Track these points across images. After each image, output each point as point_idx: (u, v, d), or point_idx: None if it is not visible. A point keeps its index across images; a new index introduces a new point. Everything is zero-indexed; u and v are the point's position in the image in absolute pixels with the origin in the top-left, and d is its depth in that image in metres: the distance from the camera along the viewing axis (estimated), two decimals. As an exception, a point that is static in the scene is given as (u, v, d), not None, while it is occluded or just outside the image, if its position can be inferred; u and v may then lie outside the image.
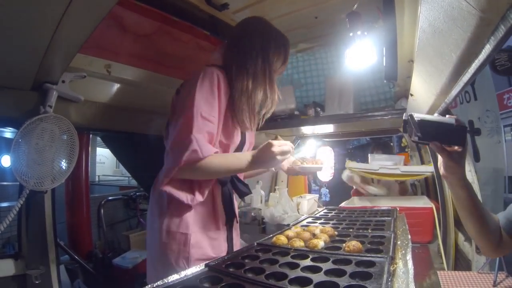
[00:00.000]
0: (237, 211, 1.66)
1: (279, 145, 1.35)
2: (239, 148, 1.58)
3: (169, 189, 1.36)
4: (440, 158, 1.07)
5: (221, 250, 1.50)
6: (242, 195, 1.63)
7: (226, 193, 1.54)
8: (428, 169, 2.26)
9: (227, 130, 1.48)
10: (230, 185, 1.56)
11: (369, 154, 3.64)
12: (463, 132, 0.97)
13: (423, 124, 1.02)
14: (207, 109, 1.34)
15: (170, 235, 1.39)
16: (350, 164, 2.54)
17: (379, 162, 2.49)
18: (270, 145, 1.34)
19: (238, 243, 1.66)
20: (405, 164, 2.72)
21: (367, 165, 2.43)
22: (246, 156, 1.40)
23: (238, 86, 1.44)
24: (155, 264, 1.44)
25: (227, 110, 1.45)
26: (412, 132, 1.07)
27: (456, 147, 1.00)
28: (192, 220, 1.41)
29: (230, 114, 1.46)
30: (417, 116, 1.02)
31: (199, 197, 1.41)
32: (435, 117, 1.02)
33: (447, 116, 1.04)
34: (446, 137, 0.98)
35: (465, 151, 1.03)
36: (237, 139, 1.54)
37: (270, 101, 1.57)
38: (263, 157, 1.36)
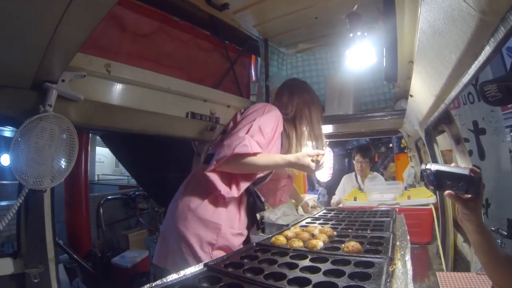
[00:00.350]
0: (259, 217, 1.97)
1: (314, 156, 1.67)
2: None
3: (212, 175, 1.55)
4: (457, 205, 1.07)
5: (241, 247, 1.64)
6: (256, 210, 1.84)
7: (251, 201, 1.79)
8: (430, 200, 2.25)
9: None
10: (254, 196, 1.80)
11: (366, 183, 3.66)
12: (477, 182, 0.98)
13: (439, 174, 1.06)
14: (265, 127, 1.63)
15: (201, 222, 1.55)
16: (347, 202, 2.53)
17: (376, 196, 2.47)
18: (305, 156, 1.65)
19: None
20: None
21: (366, 203, 2.41)
22: (288, 157, 1.66)
23: (294, 132, 1.85)
24: (179, 248, 1.55)
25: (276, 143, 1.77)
26: (428, 181, 1.11)
27: (470, 196, 1.00)
28: (222, 216, 1.60)
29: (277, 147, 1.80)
30: (434, 167, 1.07)
31: (234, 192, 1.59)
32: (451, 167, 1.05)
33: (463, 166, 1.06)
34: (461, 186, 1.00)
35: (480, 200, 1.03)
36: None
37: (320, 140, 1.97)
38: (300, 165, 1.66)
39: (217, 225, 1.57)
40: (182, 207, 1.61)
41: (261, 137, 1.61)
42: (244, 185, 1.64)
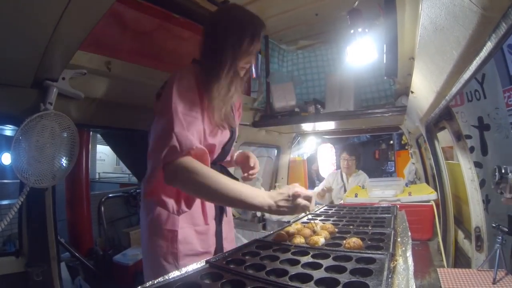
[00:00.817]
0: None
1: (304, 197, 1.17)
2: (229, 144, 1.55)
3: (153, 197, 1.27)
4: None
5: (209, 245, 1.47)
6: None
7: None
8: (431, 197, 2.24)
9: (212, 130, 1.41)
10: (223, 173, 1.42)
11: (366, 180, 3.66)
12: None
13: None
14: (188, 105, 1.25)
15: (157, 233, 1.38)
16: (348, 199, 2.53)
17: (378, 193, 2.47)
18: (295, 197, 1.15)
19: (231, 236, 1.65)
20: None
21: (367, 199, 2.41)
22: (262, 194, 1.17)
23: (210, 82, 1.35)
24: (147, 263, 1.45)
25: (209, 106, 1.37)
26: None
27: None
28: (179, 216, 1.36)
29: (212, 109, 1.38)
30: None
31: (184, 207, 1.31)
32: None
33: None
34: None
35: None
36: (224, 136, 1.48)
37: (232, 94, 1.43)
38: (283, 207, 1.16)
39: (173, 233, 1.36)
40: (141, 221, 1.48)
41: (193, 121, 1.26)
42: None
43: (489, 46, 0.74)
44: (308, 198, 1.16)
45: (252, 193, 1.15)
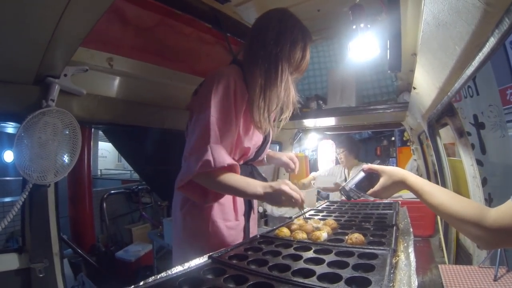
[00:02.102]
0: (255, 203, 1.71)
1: (291, 192, 1.22)
2: (263, 147, 1.64)
3: (183, 191, 1.37)
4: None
5: (238, 239, 1.52)
6: None
7: None
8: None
9: (247, 133, 1.48)
10: (250, 177, 1.51)
11: (353, 170, 3.64)
12: (370, 176, 1.25)
13: (357, 187, 1.29)
14: (224, 115, 1.32)
15: (190, 225, 1.46)
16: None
17: None
18: (282, 191, 1.22)
19: (255, 232, 1.70)
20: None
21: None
22: (256, 187, 1.28)
23: (252, 85, 1.39)
24: (178, 254, 1.51)
25: (246, 112, 1.43)
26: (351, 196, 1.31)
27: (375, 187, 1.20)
28: (212, 211, 1.45)
29: (249, 115, 1.43)
30: (350, 184, 1.31)
31: (212, 200, 1.40)
32: (356, 176, 1.31)
33: (361, 170, 1.30)
34: (366, 185, 1.25)
35: (377, 185, 1.20)
36: (258, 140, 1.57)
37: (285, 102, 1.50)
38: (271, 197, 1.25)
39: (205, 226, 1.44)
40: (174, 212, 1.56)
41: (227, 133, 1.34)
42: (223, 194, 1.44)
43: (492, 41, 0.73)
44: (290, 198, 1.21)
45: (247, 184, 1.30)
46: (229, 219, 1.51)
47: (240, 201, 1.56)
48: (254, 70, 1.39)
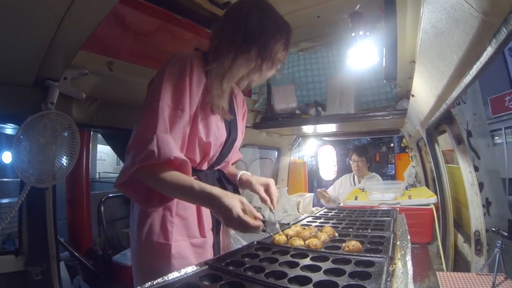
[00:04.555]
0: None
1: (249, 211, 1.08)
2: (228, 145, 1.41)
3: (123, 190, 1.19)
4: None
5: (206, 258, 1.20)
6: None
7: None
8: (430, 200, 2.24)
9: (206, 125, 1.27)
10: (219, 185, 1.35)
11: (364, 179, 3.65)
12: None
13: None
14: (176, 102, 1.16)
15: (149, 245, 1.25)
16: (348, 202, 2.52)
17: (377, 196, 2.46)
18: (231, 213, 1.04)
19: (227, 246, 1.52)
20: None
21: (367, 202, 2.41)
22: (208, 193, 1.08)
23: (216, 65, 1.24)
24: (137, 273, 1.33)
25: (203, 101, 1.26)
26: None
27: None
28: (173, 228, 1.25)
29: (208, 105, 1.27)
30: None
31: (157, 203, 1.22)
32: None
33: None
34: None
35: None
36: (221, 135, 1.34)
37: (259, 69, 1.30)
38: (221, 212, 1.07)
39: (167, 247, 1.23)
40: (131, 230, 1.35)
41: (178, 120, 1.17)
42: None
43: (489, 51, 0.74)
44: (243, 224, 1.06)
45: (200, 187, 1.10)
46: (194, 235, 1.30)
47: (206, 213, 1.35)
48: (225, 47, 1.24)
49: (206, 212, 1.35)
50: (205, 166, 1.36)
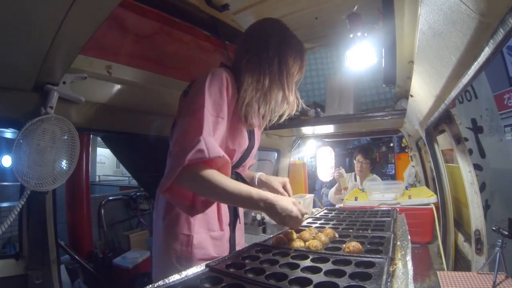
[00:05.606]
0: (241, 212, 1.65)
1: (300, 209, 1.22)
2: (248, 152, 1.55)
3: (168, 196, 1.25)
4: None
5: (223, 250, 1.48)
6: None
7: None
8: (431, 200, 2.24)
9: (233, 134, 1.42)
10: (239, 179, 1.52)
11: (365, 181, 3.64)
12: None
13: None
14: (217, 110, 1.26)
15: (173, 236, 1.39)
16: (348, 202, 2.52)
17: (377, 196, 2.46)
18: (291, 213, 1.19)
19: (242, 242, 1.66)
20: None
21: (366, 202, 2.41)
22: (258, 194, 1.19)
23: (250, 83, 1.37)
24: (159, 263, 1.45)
25: (234, 113, 1.39)
26: None
27: None
28: (195, 221, 1.40)
29: (236, 117, 1.40)
30: None
31: (200, 209, 1.29)
32: None
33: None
34: None
35: None
36: (244, 143, 1.49)
37: (288, 102, 1.47)
38: (275, 210, 1.18)
39: (189, 237, 1.38)
40: (155, 223, 1.50)
41: (220, 127, 1.28)
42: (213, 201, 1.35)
43: (487, 51, 0.74)
44: (297, 220, 1.22)
45: (257, 193, 1.20)
46: (213, 229, 1.46)
47: (224, 209, 1.50)
48: (255, 70, 1.38)
49: (224, 208, 1.50)
50: None
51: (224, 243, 1.50)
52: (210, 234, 1.44)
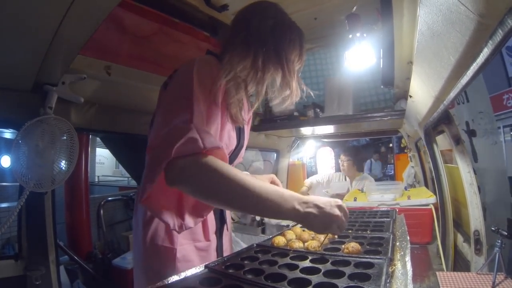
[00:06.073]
0: (228, 217, 1.47)
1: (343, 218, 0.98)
2: (236, 152, 1.35)
3: (150, 205, 0.99)
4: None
5: (210, 261, 1.10)
6: None
7: None
8: (430, 200, 2.24)
9: (220, 134, 1.18)
10: None
11: (365, 184, 3.64)
12: None
13: None
14: (210, 95, 1.05)
15: (154, 249, 1.22)
16: (347, 203, 2.51)
17: (377, 197, 2.46)
18: (338, 207, 0.97)
19: (229, 249, 1.49)
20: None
21: (365, 203, 2.41)
22: (292, 197, 0.94)
23: (238, 61, 1.13)
24: (140, 277, 1.32)
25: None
26: None
27: None
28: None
29: (222, 113, 1.14)
30: None
31: (189, 222, 1.05)
32: None
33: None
34: None
35: None
36: (231, 143, 1.28)
37: (291, 89, 1.26)
38: (317, 218, 0.94)
39: (172, 251, 1.21)
40: (135, 234, 1.33)
41: (214, 117, 1.06)
42: (208, 209, 1.10)
43: (486, 52, 0.74)
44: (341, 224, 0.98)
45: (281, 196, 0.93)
46: (198, 239, 1.28)
47: (210, 216, 1.31)
48: (240, 53, 1.15)
49: (210, 215, 1.30)
50: None
51: (211, 253, 1.33)
52: (195, 245, 1.27)
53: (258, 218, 2.79)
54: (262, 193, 0.90)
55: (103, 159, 12.41)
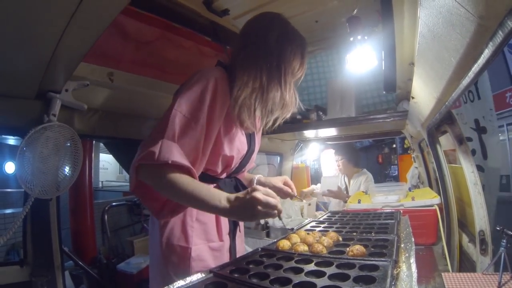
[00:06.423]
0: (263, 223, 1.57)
1: (267, 198, 1.02)
2: (248, 157, 1.48)
3: (139, 193, 1.22)
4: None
5: (223, 261, 1.33)
6: None
7: None
8: (434, 201, 2.24)
9: (230, 140, 1.34)
10: (235, 191, 1.33)
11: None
12: None
13: None
14: (191, 116, 1.18)
15: (170, 248, 1.31)
16: (351, 205, 2.51)
17: (381, 198, 2.46)
18: (255, 200, 1.01)
19: (242, 250, 1.58)
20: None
21: (370, 205, 2.41)
22: (220, 197, 1.08)
23: (246, 82, 1.25)
24: (156, 275, 1.38)
25: (228, 116, 1.29)
26: None
27: None
28: (193, 232, 1.32)
29: (231, 120, 1.30)
30: None
31: (168, 213, 1.23)
32: None
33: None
34: None
35: None
36: (242, 148, 1.41)
37: (285, 104, 1.35)
38: (241, 211, 1.05)
39: (186, 250, 1.30)
40: (152, 234, 1.42)
41: (190, 132, 1.17)
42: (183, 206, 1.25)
43: (486, 53, 0.74)
44: (269, 205, 1.02)
45: (207, 192, 1.10)
46: (212, 239, 1.36)
47: (224, 218, 1.41)
48: (251, 67, 1.27)
49: (224, 217, 1.41)
50: (224, 175, 1.43)
51: (224, 254, 1.41)
52: (209, 245, 1.35)
53: (262, 221, 2.79)
54: (194, 193, 1.08)
55: (107, 164, 12.43)
